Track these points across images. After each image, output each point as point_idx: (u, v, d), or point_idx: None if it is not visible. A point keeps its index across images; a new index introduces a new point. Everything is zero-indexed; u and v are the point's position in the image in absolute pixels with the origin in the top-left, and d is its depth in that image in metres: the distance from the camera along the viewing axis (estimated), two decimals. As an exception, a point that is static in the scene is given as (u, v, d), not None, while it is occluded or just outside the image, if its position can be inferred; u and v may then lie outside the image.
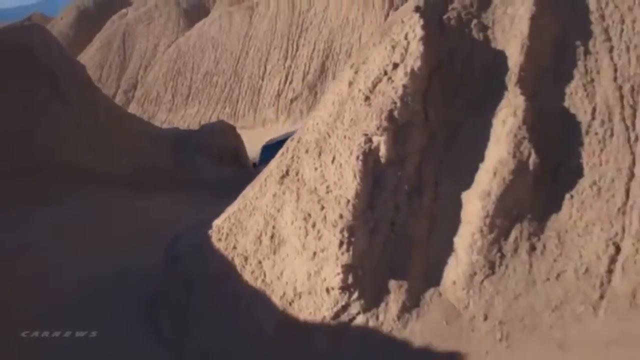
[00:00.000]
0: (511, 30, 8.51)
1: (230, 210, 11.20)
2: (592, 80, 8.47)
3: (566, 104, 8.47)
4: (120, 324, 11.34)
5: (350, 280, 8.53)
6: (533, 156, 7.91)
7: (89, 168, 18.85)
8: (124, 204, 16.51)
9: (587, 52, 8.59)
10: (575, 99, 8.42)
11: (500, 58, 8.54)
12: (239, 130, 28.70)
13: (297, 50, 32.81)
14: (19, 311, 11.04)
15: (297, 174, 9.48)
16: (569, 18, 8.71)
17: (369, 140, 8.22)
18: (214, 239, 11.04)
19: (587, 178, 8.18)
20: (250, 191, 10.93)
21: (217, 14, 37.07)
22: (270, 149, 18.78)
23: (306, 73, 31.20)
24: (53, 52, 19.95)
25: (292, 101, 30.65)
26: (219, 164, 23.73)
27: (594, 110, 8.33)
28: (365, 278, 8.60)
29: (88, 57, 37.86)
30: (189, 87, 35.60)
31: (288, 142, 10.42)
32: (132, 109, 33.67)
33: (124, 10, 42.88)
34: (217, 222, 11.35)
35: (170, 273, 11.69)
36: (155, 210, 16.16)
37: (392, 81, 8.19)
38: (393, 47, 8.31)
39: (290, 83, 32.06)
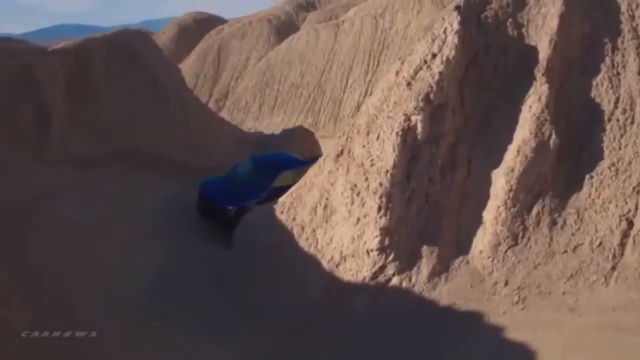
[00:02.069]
0: (543, 28, 9.49)
1: (294, 187, 12.65)
2: (618, 74, 9.28)
3: (592, 94, 9.33)
4: (196, 287, 12.87)
5: (387, 242, 9.70)
6: (554, 137, 8.83)
7: (177, 160, 20.78)
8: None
9: (614, 48, 9.41)
10: (600, 89, 9.26)
11: (532, 52, 9.52)
12: (319, 139, 30.27)
13: (377, 66, 34.18)
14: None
15: (349, 152, 10.78)
16: (599, 18, 9.58)
17: (408, 119, 9.42)
18: (277, 212, 12.49)
19: (606, 160, 8.98)
20: (311, 170, 12.33)
21: (305, 31, 39.15)
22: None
23: (385, 87, 32.46)
24: (153, 55, 22.39)
25: (370, 113, 31.86)
26: (297, 165, 25.31)
27: (617, 99, 9.13)
28: (400, 242, 9.74)
29: (186, 67, 41.00)
30: (275, 98, 37.73)
31: (347, 127, 11.78)
32: (222, 115, 36.11)
33: (220, 27, 46.00)
34: (282, 199, 12.82)
35: (239, 243, 13.20)
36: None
37: (430, 68, 9.38)
38: (433, 40, 9.51)
39: (370, 96, 33.40)
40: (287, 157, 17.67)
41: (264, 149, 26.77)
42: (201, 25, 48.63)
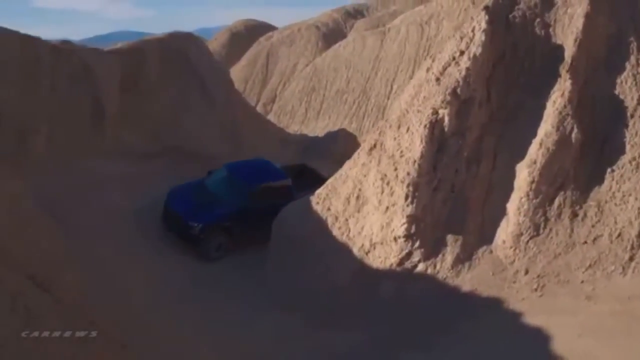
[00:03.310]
0: (569, 27, 9.85)
1: (330, 180, 13.26)
2: (642, 72, 9.56)
3: (616, 91, 9.64)
4: (236, 272, 13.61)
5: (413, 229, 10.21)
6: (576, 131, 9.19)
7: (223, 157, 21.63)
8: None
9: (640, 48, 9.70)
10: (624, 87, 9.55)
11: (558, 51, 9.90)
12: (362, 144, 30.76)
13: (422, 72, 34.54)
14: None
15: (381, 145, 11.33)
16: (626, 18, 9.88)
17: (435, 112, 9.94)
18: (313, 203, 13.11)
19: (628, 154, 9.27)
20: (346, 164, 12.92)
21: (352, 38, 39.86)
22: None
23: (429, 93, 32.71)
24: (203, 57, 23.47)
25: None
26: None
27: (640, 96, 9.42)
28: (426, 230, 10.23)
29: (236, 72, 42.25)
30: (321, 103, 38.49)
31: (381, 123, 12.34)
32: (269, 119, 37.09)
33: (270, 33, 47.19)
34: (318, 191, 13.44)
35: (278, 232, 13.87)
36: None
37: (458, 65, 9.88)
38: (461, 38, 10.01)
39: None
40: (264, 167, 15.94)
41: (308, 151, 27.49)
42: (252, 32, 49.98)
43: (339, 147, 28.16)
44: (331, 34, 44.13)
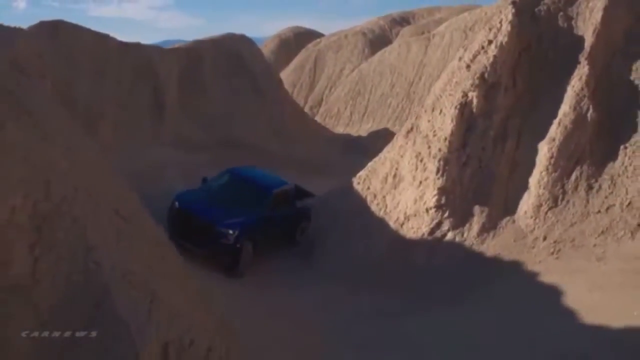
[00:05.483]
0: (590, 20, 10.89)
1: (370, 163, 14.51)
2: (657, 59, 10.52)
3: (632, 77, 10.61)
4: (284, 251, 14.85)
5: (443, 201, 11.37)
6: (591, 111, 10.21)
7: (272, 150, 23.18)
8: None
9: (655, 38, 10.66)
10: (639, 73, 10.53)
11: (579, 41, 10.95)
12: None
13: (465, 77, 35.40)
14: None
15: (417, 128, 12.54)
16: (642, 11, 10.88)
17: (465, 95, 11.11)
18: (354, 184, 14.38)
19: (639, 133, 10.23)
20: (385, 148, 14.16)
21: (397, 44, 41.03)
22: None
23: (471, 97, 33.57)
24: (255, 57, 25.14)
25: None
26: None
27: (654, 82, 10.38)
28: (455, 201, 11.37)
29: (284, 76, 43.79)
30: (365, 106, 39.72)
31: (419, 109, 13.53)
32: (315, 121, 38.56)
33: (317, 40, 48.82)
34: (359, 173, 14.71)
35: (321, 210, 15.15)
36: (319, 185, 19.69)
37: (486, 52, 11.04)
38: (490, 29, 11.18)
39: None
40: (266, 173, 14.80)
41: (352, 148, 28.74)
42: (300, 39, 51.73)
43: (381, 144, 29.25)
44: (377, 40, 45.40)
